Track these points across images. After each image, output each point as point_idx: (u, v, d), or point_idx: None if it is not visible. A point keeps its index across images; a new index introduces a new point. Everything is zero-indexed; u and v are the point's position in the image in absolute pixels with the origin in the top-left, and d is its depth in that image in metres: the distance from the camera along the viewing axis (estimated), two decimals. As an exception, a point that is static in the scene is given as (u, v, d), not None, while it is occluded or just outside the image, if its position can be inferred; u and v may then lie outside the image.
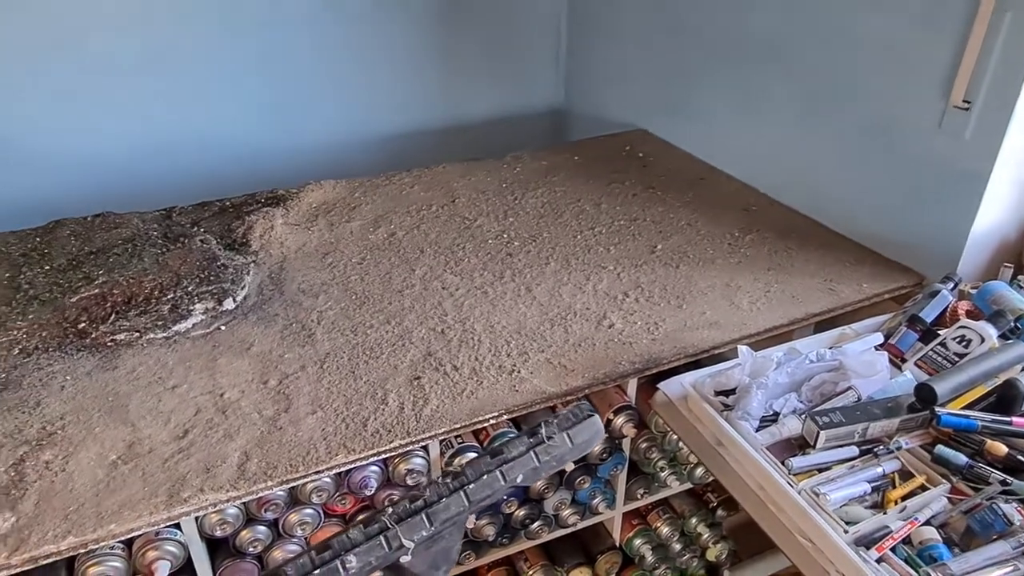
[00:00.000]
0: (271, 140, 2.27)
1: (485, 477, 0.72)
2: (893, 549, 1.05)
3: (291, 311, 1.54)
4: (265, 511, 1.34)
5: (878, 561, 1.02)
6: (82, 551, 1.16)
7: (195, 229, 1.73)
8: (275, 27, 2.22)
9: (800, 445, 1.24)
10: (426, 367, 1.39)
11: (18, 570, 1.08)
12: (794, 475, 1.16)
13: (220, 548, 1.38)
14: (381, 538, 0.65)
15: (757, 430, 1.25)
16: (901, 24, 1.56)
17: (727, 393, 1.34)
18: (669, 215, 1.92)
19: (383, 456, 1.26)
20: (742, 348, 1.34)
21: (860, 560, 1.02)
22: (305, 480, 1.25)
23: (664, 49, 2.27)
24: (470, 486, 0.71)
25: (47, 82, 1.96)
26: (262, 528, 1.38)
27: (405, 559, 0.66)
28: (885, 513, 1.10)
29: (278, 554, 1.42)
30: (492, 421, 1.32)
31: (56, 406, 1.28)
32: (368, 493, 1.38)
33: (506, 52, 2.63)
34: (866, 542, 1.05)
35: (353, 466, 1.28)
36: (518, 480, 0.74)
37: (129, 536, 1.16)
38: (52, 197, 1.90)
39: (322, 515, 1.42)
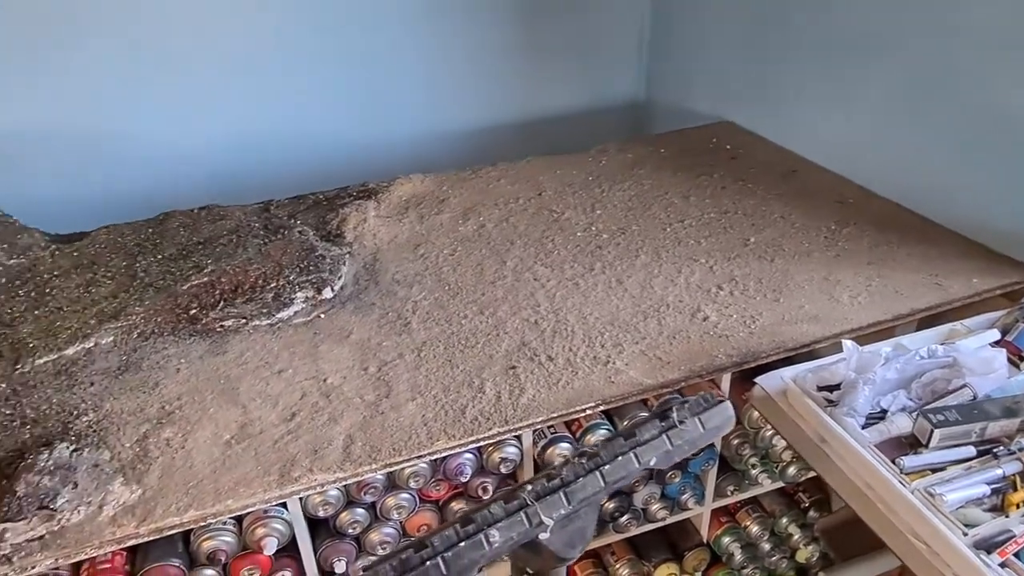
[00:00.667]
0: (361, 135, 2.33)
1: (620, 459, 0.72)
2: (1017, 554, 1.00)
3: (387, 301, 1.58)
4: (364, 494, 1.38)
5: (1001, 566, 0.98)
6: (200, 525, 1.22)
7: (292, 221, 1.79)
8: (365, 25, 2.27)
9: (911, 444, 1.20)
10: (521, 357, 1.41)
11: (144, 539, 1.14)
12: (906, 474, 1.12)
13: (320, 528, 1.43)
14: (522, 514, 0.66)
15: (863, 427, 1.21)
16: (1011, 7, 1.48)
17: (830, 389, 1.30)
18: (761, 208, 1.88)
19: (481, 443, 1.28)
20: (847, 342, 1.30)
21: (982, 564, 0.98)
22: (405, 465, 1.28)
23: (751, 39, 2.22)
24: (606, 467, 0.71)
25: (158, 86, 2.07)
26: (360, 511, 1.42)
27: (544, 536, 0.67)
28: (1007, 516, 1.05)
29: (375, 536, 1.46)
30: (588, 412, 1.32)
31: (173, 387, 1.35)
32: (463, 480, 1.41)
33: (587, 45, 2.62)
34: (986, 546, 1.01)
35: (449, 453, 1.31)
36: (651, 463, 0.74)
37: (243, 512, 1.21)
38: (162, 191, 2.00)
39: (417, 500, 1.45)
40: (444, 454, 1.28)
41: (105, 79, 2.03)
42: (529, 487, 0.69)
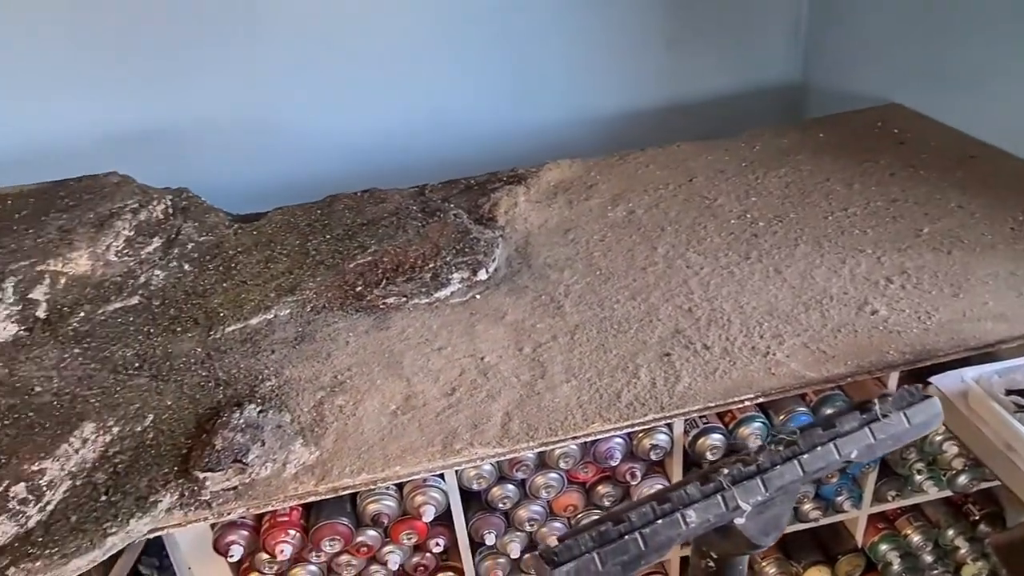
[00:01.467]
0: (509, 122, 2.38)
1: (819, 449, 0.70)
2: None
3: (539, 284, 1.61)
4: (516, 471, 1.42)
5: None
6: (366, 488, 1.31)
7: (447, 205, 1.86)
8: (514, 12, 2.31)
9: (1120, 458, 1.08)
10: (675, 344, 1.39)
11: (320, 497, 1.23)
12: (1114, 491, 1.01)
13: (472, 501, 1.48)
14: (719, 497, 0.66)
15: (1061, 437, 1.11)
16: None
17: (1020, 393, 1.20)
18: (935, 196, 1.74)
19: (636, 428, 1.28)
20: (1043, 344, 1.19)
21: None
22: (558, 445, 1.30)
23: (925, 12, 2.05)
24: (804, 456, 0.70)
25: (324, 79, 2.21)
26: (511, 487, 1.46)
27: (739, 521, 0.67)
28: None
29: (523, 513, 1.50)
30: (746, 403, 1.29)
31: (343, 358, 1.44)
32: (612, 464, 1.42)
33: (739, 24, 2.52)
34: None
35: (603, 436, 1.32)
36: (852, 456, 0.72)
37: (405, 480, 1.29)
38: (327, 175, 2.13)
39: (565, 481, 1.48)
40: (598, 437, 1.30)
41: (279, 74, 2.19)
42: (725, 471, 0.69)
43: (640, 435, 1.41)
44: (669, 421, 1.33)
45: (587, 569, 0.59)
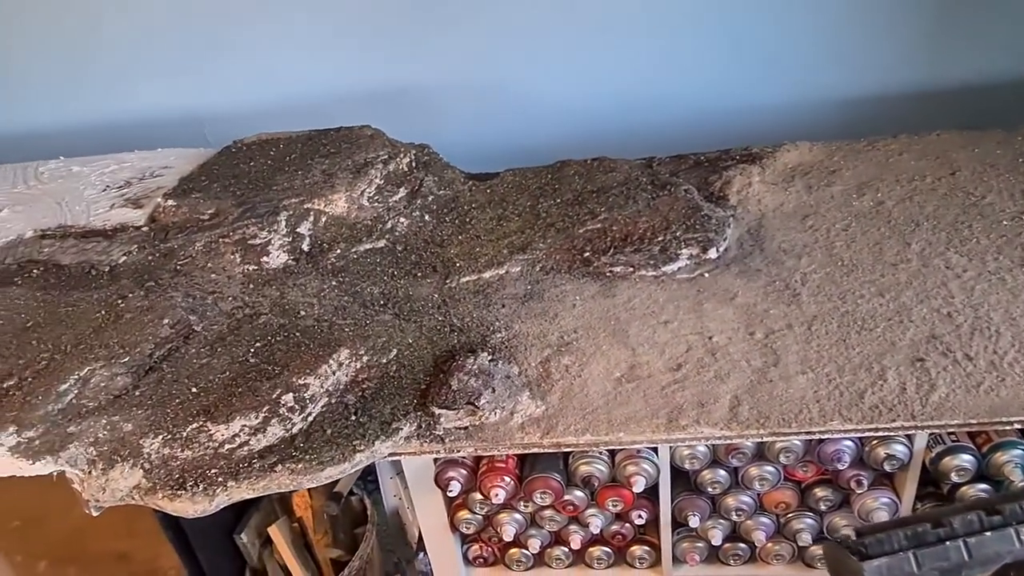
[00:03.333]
0: (743, 97, 2.27)
1: None
2: None
3: (773, 269, 1.53)
4: (732, 457, 1.38)
5: None
6: (581, 450, 1.34)
7: (676, 179, 1.82)
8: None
9: None
10: (930, 350, 1.27)
11: (544, 451, 1.28)
12: None
13: (679, 479, 1.47)
14: (1059, 523, 0.60)
15: None
16: None
17: None
18: None
19: (879, 434, 1.19)
20: None
21: None
22: (790, 437, 1.25)
23: None
24: None
25: (559, 41, 2.23)
26: (723, 472, 1.43)
27: (1078, 552, 0.60)
28: None
29: (731, 501, 1.47)
30: (1016, 426, 1.15)
31: (569, 320, 1.47)
32: (838, 467, 1.34)
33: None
34: None
35: (841, 436, 1.25)
36: None
37: (626, 446, 1.30)
38: (554, 140, 2.17)
39: (782, 476, 1.42)
40: (833, 436, 1.22)
41: (517, 38, 2.24)
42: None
43: (874, 442, 1.32)
44: (913, 432, 1.23)
45: (900, 568, 0.55)
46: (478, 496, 1.46)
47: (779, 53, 2.30)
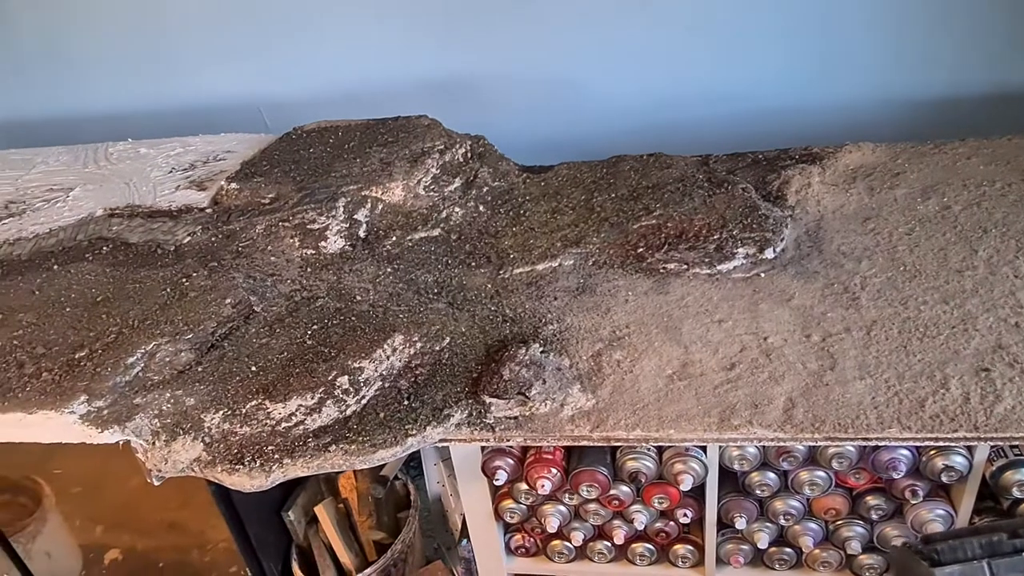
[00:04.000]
0: (803, 96, 2.23)
1: None
2: None
3: (831, 271, 1.51)
4: (782, 460, 1.36)
5: None
6: (629, 445, 1.34)
7: (733, 177, 1.80)
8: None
9: None
10: (996, 360, 1.24)
11: (592, 444, 1.28)
12: None
13: (726, 480, 1.46)
14: None
15: None
16: None
17: None
18: None
19: (940, 443, 1.16)
20: None
21: None
22: (846, 443, 1.23)
23: None
24: None
25: (615, 36, 2.21)
26: (772, 475, 1.41)
27: None
28: None
29: (779, 505, 1.45)
30: (1085, 442, 1.11)
31: (622, 315, 1.47)
32: (893, 476, 1.31)
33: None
34: None
35: (885, 444, 1.22)
36: None
37: (677, 444, 1.29)
38: (611, 135, 2.16)
39: (833, 482, 1.39)
40: (890, 444, 1.20)
41: (570, 33, 2.24)
42: None
43: (932, 452, 1.29)
44: (975, 444, 1.20)
45: (973, 576, 0.55)
46: (524, 486, 1.47)
47: (840, 51, 2.25)
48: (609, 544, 1.57)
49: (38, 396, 1.28)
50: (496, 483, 1.44)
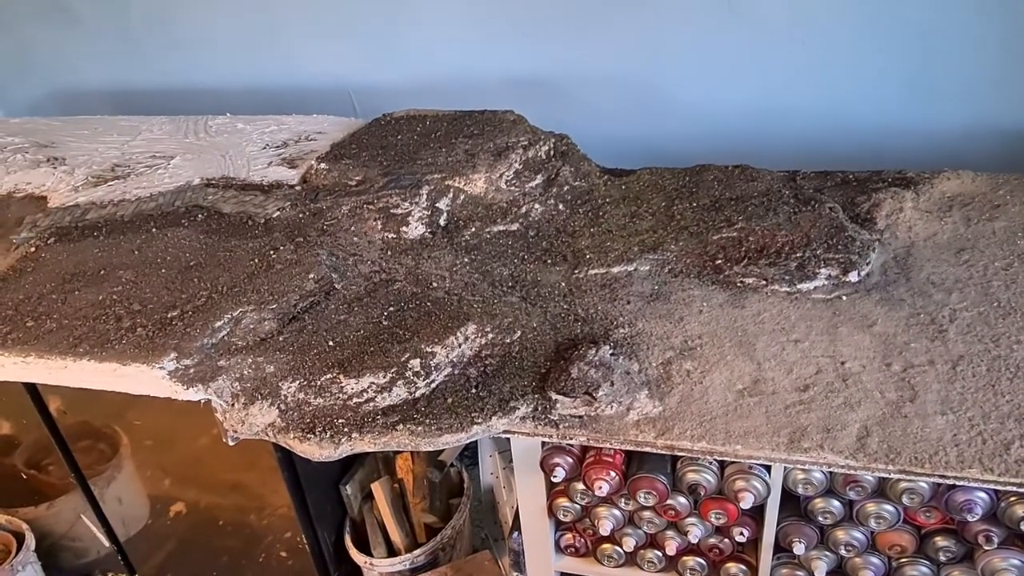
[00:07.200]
0: (901, 118, 2.15)
1: None
2: None
3: (918, 300, 1.46)
4: (849, 489, 1.33)
5: None
6: (691, 456, 1.32)
7: (820, 195, 1.75)
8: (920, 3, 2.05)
9: None
10: (1094, 409, 1.18)
11: (656, 451, 1.28)
12: None
13: (788, 503, 1.43)
14: None
15: None
16: None
17: None
18: None
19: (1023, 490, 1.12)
20: None
21: None
22: (921, 478, 1.19)
23: None
24: None
25: (706, 44, 2.18)
26: (837, 503, 1.38)
27: None
28: None
29: (841, 535, 1.41)
30: None
31: (695, 326, 1.45)
32: (967, 519, 1.26)
33: None
34: None
35: (963, 484, 1.18)
36: None
37: (743, 460, 1.27)
38: (697, 143, 2.14)
39: (901, 517, 1.35)
40: (969, 485, 1.16)
41: (661, 39, 2.22)
42: None
43: (1012, 499, 1.23)
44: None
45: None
46: (580, 486, 1.48)
47: (940, 74, 2.16)
48: (660, 554, 1.56)
49: (132, 349, 1.35)
50: (553, 479, 1.45)
